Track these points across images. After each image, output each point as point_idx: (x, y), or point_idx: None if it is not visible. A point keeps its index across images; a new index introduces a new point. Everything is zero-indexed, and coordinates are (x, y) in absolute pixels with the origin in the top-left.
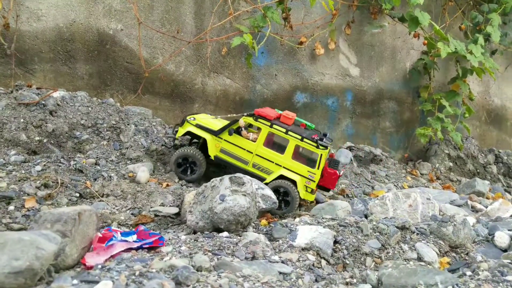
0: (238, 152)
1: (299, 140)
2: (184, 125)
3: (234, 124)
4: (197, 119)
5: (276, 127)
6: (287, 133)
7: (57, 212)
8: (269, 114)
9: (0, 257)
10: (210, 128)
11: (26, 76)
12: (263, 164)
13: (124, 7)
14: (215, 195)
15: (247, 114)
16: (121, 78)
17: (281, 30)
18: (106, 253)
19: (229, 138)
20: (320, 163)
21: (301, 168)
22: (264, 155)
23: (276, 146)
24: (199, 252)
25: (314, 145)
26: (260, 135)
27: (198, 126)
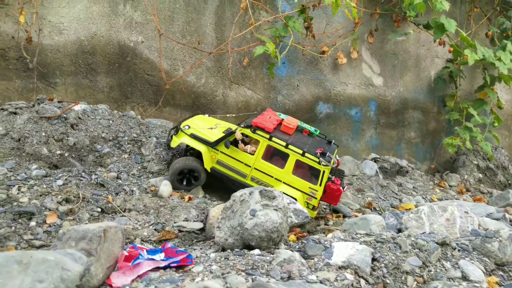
0: (235, 165)
1: (300, 155)
2: (179, 135)
3: (230, 136)
4: (192, 128)
5: (275, 140)
6: (287, 147)
7: (81, 229)
8: (267, 125)
9: (23, 278)
10: (206, 139)
11: (47, 90)
12: (262, 178)
13: (145, 19)
14: (245, 209)
15: (243, 126)
16: (141, 90)
17: (302, 40)
18: (133, 272)
19: (226, 151)
20: (323, 180)
21: (302, 184)
22: (263, 169)
23: (276, 159)
24: (231, 272)
25: (316, 161)
26: (258, 148)
27: (193, 136)
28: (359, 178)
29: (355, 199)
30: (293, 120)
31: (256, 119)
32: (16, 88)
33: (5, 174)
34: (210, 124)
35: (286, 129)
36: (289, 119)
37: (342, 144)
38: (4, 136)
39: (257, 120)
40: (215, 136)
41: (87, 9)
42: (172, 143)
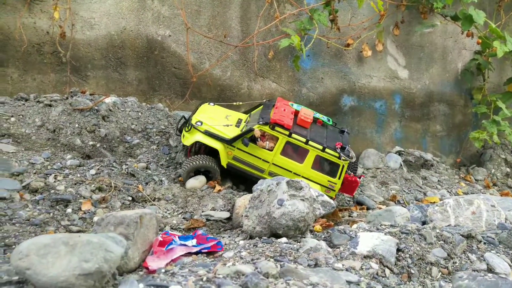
0: (253, 161)
1: (320, 151)
2: (191, 132)
3: (249, 133)
4: (205, 124)
5: (295, 136)
6: (307, 143)
7: (119, 215)
8: (286, 122)
9: (71, 258)
10: (222, 136)
11: (80, 83)
12: (280, 173)
13: (172, 14)
14: (272, 199)
15: (262, 123)
16: (169, 83)
17: (327, 33)
18: (167, 257)
19: (244, 147)
20: (342, 173)
21: (321, 177)
22: (281, 164)
23: (295, 154)
24: (261, 258)
25: (336, 156)
26: (277, 144)
27: (208, 133)
28: (383, 171)
29: (378, 191)
30: (309, 112)
31: (274, 115)
32: (50, 81)
33: (42, 163)
34: (220, 115)
35: (303, 123)
36: (305, 111)
37: (366, 137)
38: (41, 127)
39: (275, 117)
40: (231, 132)
41: (116, 4)
42: (185, 140)
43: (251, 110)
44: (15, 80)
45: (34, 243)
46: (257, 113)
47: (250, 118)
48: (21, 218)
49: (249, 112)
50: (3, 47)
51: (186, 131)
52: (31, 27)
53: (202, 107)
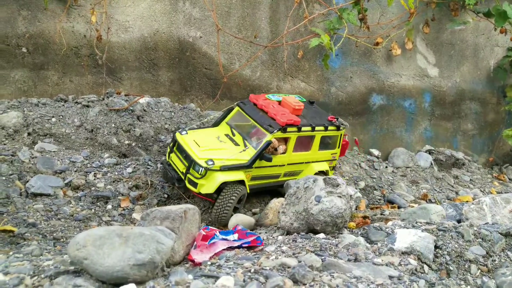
0: (269, 172)
1: (324, 131)
2: (208, 177)
3: (266, 147)
4: (216, 159)
5: (304, 129)
6: (314, 130)
7: (165, 210)
8: (294, 118)
9: (125, 249)
10: (240, 163)
11: (115, 84)
12: (294, 169)
13: (203, 15)
14: (309, 196)
15: (272, 131)
16: (200, 84)
17: (356, 31)
18: (209, 251)
19: (259, 163)
20: (340, 142)
21: (326, 154)
22: (294, 161)
23: (302, 144)
24: (302, 252)
25: (335, 129)
26: (289, 144)
27: (226, 168)
28: (413, 170)
29: (409, 190)
30: (294, 99)
31: (281, 117)
32: (87, 83)
33: (82, 162)
34: (211, 140)
35: (297, 112)
36: (290, 100)
37: (396, 136)
38: (79, 127)
39: (282, 118)
40: (243, 155)
41: (150, 8)
42: (203, 189)
43: (222, 118)
44: (55, 82)
45: (90, 234)
46: (236, 119)
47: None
48: (65, 214)
49: (221, 121)
50: (44, 51)
51: (199, 178)
52: (70, 31)
53: (182, 139)
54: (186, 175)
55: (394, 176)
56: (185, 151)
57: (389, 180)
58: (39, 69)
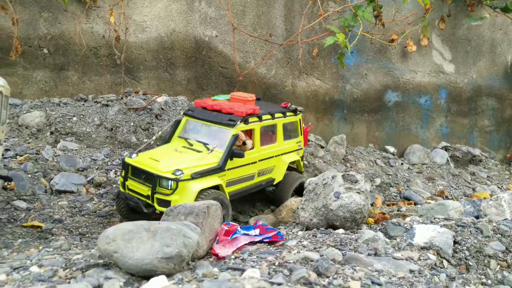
0: (243, 172)
1: (283, 117)
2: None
3: (234, 143)
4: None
5: (265, 117)
6: (274, 118)
7: (189, 206)
8: (253, 108)
9: (153, 243)
10: (212, 167)
11: (133, 83)
12: (266, 166)
13: (218, 15)
14: (328, 192)
15: (234, 124)
16: (216, 82)
17: (371, 29)
18: (232, 245)
19: (231, 163)
20: (301, 128)
21: (292, 144)
22: (265, 156)
23: (267, 138)
24: (323, 247)
25: (293, 114)
26: (254, 136)
27: (197, 175)
28: (429, 166)
29: (425, 187)
30: (243, 93)
31: (239, 109)
32: (106, 83)
33: (103, 159)
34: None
35: (251, 103)
36: (241, 94)
37: (411, 133)
38: (99, 126)
39: (244, 109)
40: (211, 157)
41: (166, 8)
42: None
43: (172, 133)
44: (75, 82)
45: (119, 229)
46: (187, 129)
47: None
48: (88, 210)
49: (172, 136)
50: (64, 51)
51: (170, 194)
52: (89, 32)
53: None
54: (153, 196)
55: (410, 173)
56: (144, 171)
57: (405, 177)
58: (60, 69)
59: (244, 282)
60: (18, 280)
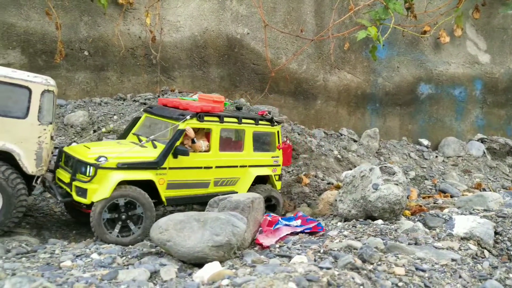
0: (193, 176)
1: (254, 125)
2: (100, 176)
3: (179, 138)
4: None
5: (228, 120)
6: (241, 122)
7: (234, 200)
8: (215, 106)
9: (203, 232)
10: (146, 160)
11: (168, 82)
12: (226, 175)
13: (250, 12)
14: (366, 184)
15: (185, 119)
16: (248, 79)
17: (402, 21)
18: (274, 235)
19: (176, 162)
20: (279, 142)
21: (265, 157)
22: (224, 163)
23: (231, 144)
24: (364, 236)
25: (269, 124)
26: (212, 138)
27: (126, 166)
28: (465, 159)
29: (461, 180)
30: (213, 95)
31: (195, 105)
32: (143, 82)
33: None
34: (109, 145)
35: (218, 104)
36: (210, 95)
37: (445, 125)
38: None
39: (199, 105)
40: (150, 151)
41: (199, 7)
42: (98, 195)
43: (129, 130)
44: (114, 82)
45: (170, 219)
46: (144, 127)
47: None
48: None
49: (128, 133)
50: (103, 53)
51: (87, 181)
52: (126, 33)
53: (70, 149)
54: (71, 183)
55: (445, 165)
56: (71, 157)
57: (440, 170)
58: (100, 70)
59: (295, 266)
60: (82, 266)
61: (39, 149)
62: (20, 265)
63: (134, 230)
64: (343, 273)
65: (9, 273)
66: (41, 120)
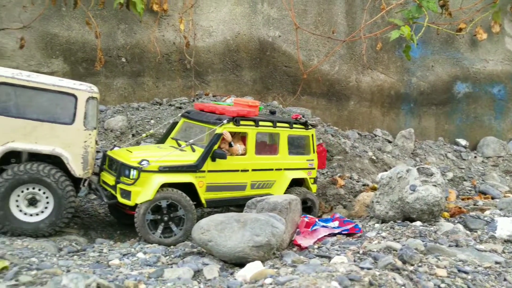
0: (230, 179)
1: (289, 128)
2: (142, 180)
3: (216, 142)
4: (153, 161)
5: (263, 123)
6: (276, 126)
7: (271, 201)
8: (250, 110)
9: (244, 233)
10: (186, 163)
11: (202, 86)
12: (263, 178)
13: (281, 15)
14: (403, 185)
15: (221, 124)
16: (280, 81)
17: (436, 19)
18: (312, 236)
19: (214, 166)
20: (314, 145)
21: (300, 160)
22: (260, 166)
23: (266, 147)
24: (402, 238)
25: (303, 127)
26: (248, 142)
27: (166, 170)
28: (506, 159)
29: (502, 181)
30: (250, 100)
31: (231, 110)
32: (178, 86)
33: None
34: (149, 149)
35: (253, 108)
36: (244, 99)
37: (484, 125)
38: None
39: (235, 110)
40: (190, 155)
41: (231, 12)
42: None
43: (168, 134)
44: (150, 87)
45: (211, 220)
46: (182, 131)
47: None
48: None
49: (166, 137)
50: (140, 59)
51: (131, 184)
52: (161, 39)
53: (113, 152)
54: (116, 186)
55: (484, 166)
56: (115, 160)
57: (479, 171)
58: (137, 76)
59: (337, 266)
60: (129, 264)
61: (85, 153)
62: (73, 263)
63: (176, 232)
64: (384, 274)
65: (64, 269)
66: (87, 125)
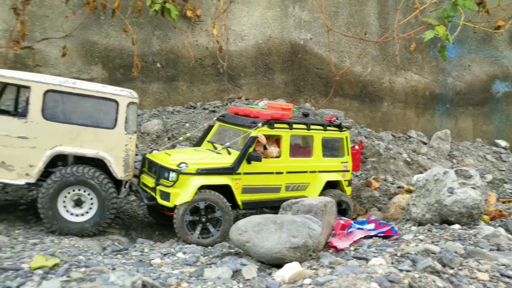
0: (265, 181)
1: (323, 131)
2: (181, 182)
3: (251, 145)
4: (191, 164)
5: (297, 126)
6: (310, 129)
7: (307, 204)
8: (284, 113)
9: (280, 234)
10: (223, 166)
11: (235, 89)
12: (297, 181)
13: (312, 17)
14: (441, 188)
15: (256, 126)
16: (312, 84)
17: (472, 17)
18: (348, 238)
19: (250, 168)
20: (348, 147)
21: (335, 163)
22: (295, 168)
23: (300, 150)
24: (440, 241)
25: (337, 130)
26: (282, 145)
27: (204, 172)
28: None
29: None
30: (282, 103)
31: (265, 113)
32: (212, 90)
33: None
34: (187, 152)
35: (287, 111)
36: (278, 103)
37: None
38: None
39: (269, 113)
40: (226, 157)
41: (262, 15)
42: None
43: (204, 137)
44: (185, 91)
45: (249, 221)
46: (218, 134)
47: (216, 143)
48: None
49: (202, 141)
50: (174, 64)
51: (170, 186)
52: (194, 45)
53: (152, 155)
54: (156, 188)
55: None
56: (154, 163)
57: None
58: (171, 80)
59: (375, 267)
60: (170, 263)
61: (126, 156)
62: (117, 261)
63: (213, 233)
64: (424, 276)
65: (109, 267)
66: (127, 129)
